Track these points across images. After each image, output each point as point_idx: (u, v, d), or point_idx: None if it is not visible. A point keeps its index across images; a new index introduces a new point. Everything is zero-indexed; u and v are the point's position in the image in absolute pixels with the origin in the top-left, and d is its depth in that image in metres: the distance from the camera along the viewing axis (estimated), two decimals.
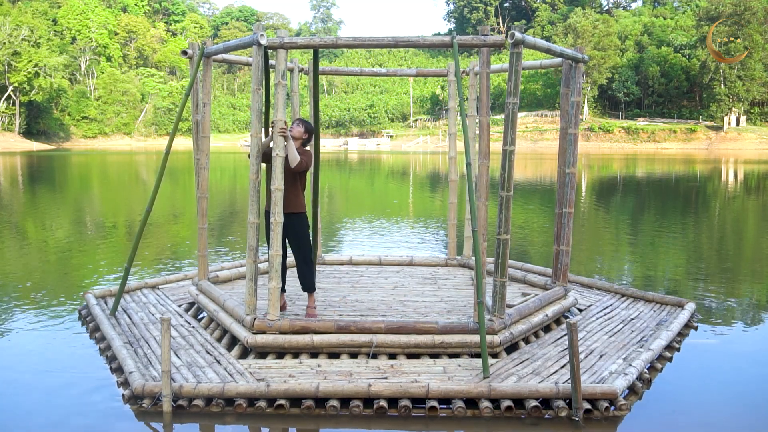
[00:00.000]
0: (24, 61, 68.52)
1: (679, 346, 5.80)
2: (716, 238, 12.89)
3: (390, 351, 5.14)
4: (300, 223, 5.59)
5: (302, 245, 5.63)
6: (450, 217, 7.97)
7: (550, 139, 70.47)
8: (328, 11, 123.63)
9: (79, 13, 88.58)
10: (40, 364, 5.38)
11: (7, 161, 41.21)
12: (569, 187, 6.18)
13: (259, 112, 5.24)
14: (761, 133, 68.62)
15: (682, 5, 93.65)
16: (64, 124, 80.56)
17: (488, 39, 4.97)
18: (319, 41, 5.20)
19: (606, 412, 4.39)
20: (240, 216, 15.26)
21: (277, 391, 4.42)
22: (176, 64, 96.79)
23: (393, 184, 27.31)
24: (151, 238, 11.89)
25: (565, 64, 6.13)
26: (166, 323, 4.31)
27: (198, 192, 6.46)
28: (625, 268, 9.91)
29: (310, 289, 5.70)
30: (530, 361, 5.09)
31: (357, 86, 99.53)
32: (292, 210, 5.50)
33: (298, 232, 5.58)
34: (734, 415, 4.59)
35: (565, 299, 6.31)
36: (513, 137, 5.06)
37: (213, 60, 6.43)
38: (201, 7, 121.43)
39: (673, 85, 76.09)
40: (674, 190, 23.53)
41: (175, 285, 7.55)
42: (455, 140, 7.87)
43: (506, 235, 5.11)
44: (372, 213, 17.04)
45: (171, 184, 25.05)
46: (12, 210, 16.62)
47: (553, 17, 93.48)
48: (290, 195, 5.47)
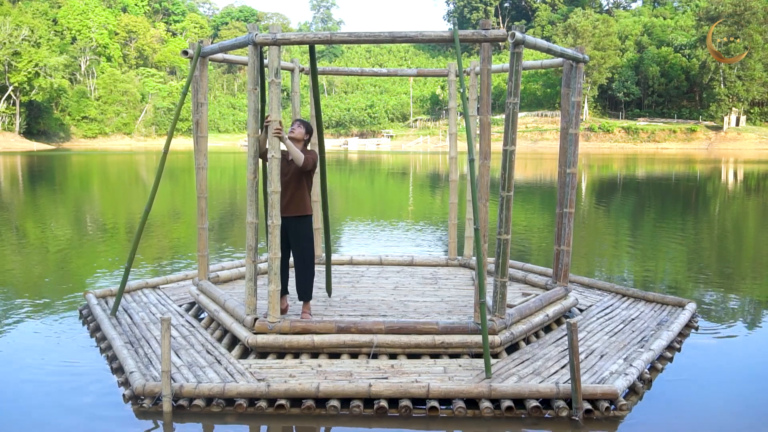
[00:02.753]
0: (24, 61, 68.54)
1: (679, 347, 5.79)
2: (717, 238, 12.88)
3: (390, 351, 5.14)
4: (307, 226, 5.46)
5: (306, 249, 5.47)
6: (450, 216, 7.97)
7: (550, 139, 70.47)
8: (328, 11, 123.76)
9: (79, 13, 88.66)
10: (41, 363, 5.38)
11: (8, 161, 41.21)
12: (570, 187, 6.18)
13: (255, 112, 5.22)
14: (761, 133, 68.61)
15: (682, 5, 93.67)
16: (64, 124, 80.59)
17: (489, 34, 4.87)
18: (313, 37, 5.10)
19: (606, 412, 4.39)
20: (240, 216, 15.26)
21: (278, 391, 4.42)
22: (176, 64, 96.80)
23: (393, 184, 27.30)
24: (152, 238, 11.89)
25: (566, 64, 6.12)
26: (166, 323, 4.31)
27: (198, 192, 6.46)
28: (626, 268, 9.90)
29: (306, 298, 5.54)
30: (531, 361, 5.09)
31: (357, 86, 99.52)
32: (300, 213, 5.37)
33: (303, 236, 5.43)
34: (734, 415, 4.59)
35: (565, 299, 6.31)
36: (513, 137, 5.05)
37: (212, 60, 6.44)
38: (201, 7, 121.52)
39: (673, 85, 76.09)
40: (674, 190, 23.53)
41: (175, 285, 7.55)
42: (455, 140, 7.87)
43: (506, 235, 5.11)
44: (372, 213, 17.04)
45: (171, 183, 25.05)
46: (12, 210, 16.62)
47: (553, 17, 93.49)
48: (296, 197, 5.36)
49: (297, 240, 5.45)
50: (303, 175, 5.38)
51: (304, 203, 5.43)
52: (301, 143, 5.47)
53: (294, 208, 5.37)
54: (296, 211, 5.38)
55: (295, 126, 5.54)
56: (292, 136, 5.42)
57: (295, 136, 5.44)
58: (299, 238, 5.44)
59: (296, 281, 5.54)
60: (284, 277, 5.53)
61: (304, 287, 5.53)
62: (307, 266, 5.51)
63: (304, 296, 5.55)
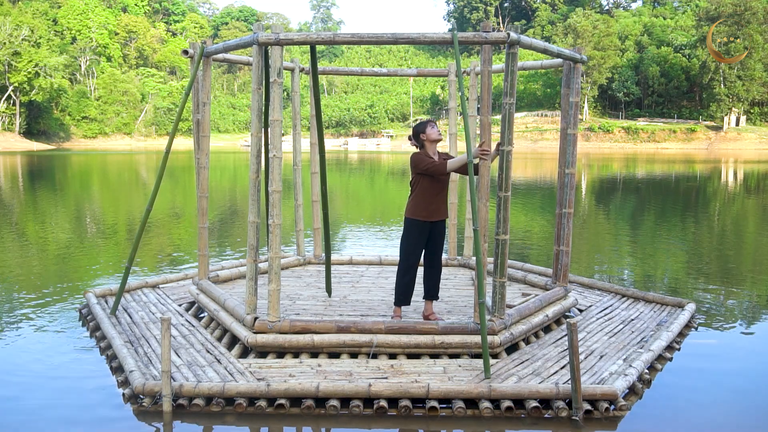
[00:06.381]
0: (24, 61, 68.53)
1: (679, 347, 5.79)
2: (716, 238, 12.88)
3: (390, 351, 5.14)
4: (445, 229, 5.54)
5: (441, 250, 5.57)
6: (450, 217, 7.97)
7: (550, 139, 70.47)
8: (328, 11, 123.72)
9: (79, 13, 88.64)
10: (40, 362, 5.38)
11: (8, 161, 41.21)
12: (568, 187, 6.18)
13: (259, 112, 5.22)
14: (761, 133, 68.62)
15: (682, 5, 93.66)
16: (65, 124, 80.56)
17: (490, 36, 4.86)
18: (316, 37, 5.09)
19: (606, 412, 4.39)
20: (240, 215, 15.26)
21: (278, 390, 4.42)
22: (176, 64, 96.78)
23: (393, 184, 27.30)
24: (152, 238, 11.89)
25: (566, 65, 6.13)
26: (166, 323, 4.31)
27: (198, 191, 6.46)
28: (626, 268, 9.91)
29: (435, 297, 5.61)
30: (530, 361, 5.09)
31: (357, 86, 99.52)
32: (444, 216, 5.45)
33: (442, 237, 5.51)
34: (734, 414, 4.60)
35: (565, 300, 6.31)
36: (510, 137, 5.06)
37: (214, 60, 6.44)
38: (201, 7, 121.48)
39: (673, 85, 76.10)
40: (674, 190, 23.53)
41: (175, 284, 7.55)
42: (455, 140, 7.87)
43: (505, 235, 5.11)
44: (372, 213, 17.05)
45: (171, 183, 25.05)
46: (12, 210, 16.62)
47: (553, 17, 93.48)
48: (444, 201, 5.42)
49: (440, 242, 5.51)
50: (441, 179, 5.37)
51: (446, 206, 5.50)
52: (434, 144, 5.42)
53: (444, 210, 5.44)
54: (445, 214, 5.46)
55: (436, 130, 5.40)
56: (439, 138, 5.41)
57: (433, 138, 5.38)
58: (442, 240, 5.52)
59: (432, 280, 5.55)
60: (425, 279, 5.57)
61: (437, 286, 5.59)
62: (441, 266, 5.62)
63: (435, 294, 5.60)
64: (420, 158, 5.28)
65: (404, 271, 5.47)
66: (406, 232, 5.43)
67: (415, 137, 5.38)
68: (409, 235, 5.39)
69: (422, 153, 5.33)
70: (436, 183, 5.31)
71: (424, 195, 5.30)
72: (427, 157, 5.29)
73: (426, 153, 5.33)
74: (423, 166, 5.24)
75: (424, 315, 5.56)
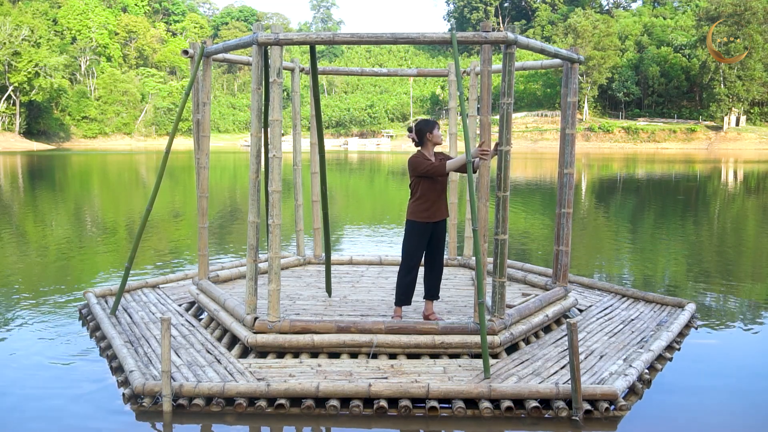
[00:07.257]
0: (24, 61, 68.53)
1: (679, 347, 5.79)
2: (716, 238, 12.89)
3: (390, 351, 5.14)
4: (446, 228, 5.54)
5: (443, 250, 5.58)
6: (450, 217, 7.96)
7: (550, 139, 70.47)
8: (328, 11, 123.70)
9: (79, 13, 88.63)
10: (41, 362, 5.38)
11: (8, 161, 41.21)
12: (567, 187, 6.18)
13: (259, 111, 5.22)
14: (761, 133, 68.61)
15: (682, 5, 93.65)
16: (65, 124, 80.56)
17: (490, 36, 4.86)
18: (316, 37, 5.10)
19: (606, 412, 4.39)
20: (240, 215, 15.26)
21: (278, 390, 4.42)
22: (176, 64, 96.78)
23: (393, 183, 27.30)
24: (152, 238, 11.89)
25: (566, 65, 6.13)
26: (166, 323, 4.31)
27: (198, 191, 6.46)
28: (626, 268, 9.91)
29: (436, 296, 5.62)
30: (530, 361, 5.09)
31: (357, 86, 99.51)
32: (445, 216, 5.45)
33: (444, 237, 5.52)
34: (734, 415, 4.60)
35: (565, 300, 6.31)
36: (508, 137, 5.06)
37: (214, 60, 6.43)
38: (201, 7, 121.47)
39: (673, 85, 76.09)
40: (674, 190, 23.53)
41: (175, 284, 7.55)
42: (456, 140, 7.87)
43: (504, 235, 5.11)
44: (372, 213, 17.05)
45: (171, 183, 25.05)
46: (12, 210, 16.62)
47: (553, 17, 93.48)
48: (444, 201, 5.43)
49: (442, 242, 5.51)
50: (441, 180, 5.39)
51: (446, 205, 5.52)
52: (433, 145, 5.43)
53: (445, 210, 5.44)
54: (446, 214, 5.46)
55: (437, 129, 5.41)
56: (442, 142, 5.43)
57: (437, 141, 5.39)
58: (443, 240, 5.52)
59: (433, 281, 5.56)
60: (425, 280, 5.58)
61: (438, 286, 5.60)
62: (441, 265, 5.63)
63: (435, 294, 5.60)
64: (418, 161, 5.28)
65: (405, 271, 5.47)
66: (408, 234, 5.43)
67: (418, 134, 5.36)
68: (412, 236, 5.40)
69: (420, 155, 5.33)
70: (435, 184, 5.31)
71: (425, 197, 5.31)
72: (425, 159, 5.29)
73: (423, 154, 5.33)
74: (422, 168, 5.24)
75: (424, 315, 5.56)
